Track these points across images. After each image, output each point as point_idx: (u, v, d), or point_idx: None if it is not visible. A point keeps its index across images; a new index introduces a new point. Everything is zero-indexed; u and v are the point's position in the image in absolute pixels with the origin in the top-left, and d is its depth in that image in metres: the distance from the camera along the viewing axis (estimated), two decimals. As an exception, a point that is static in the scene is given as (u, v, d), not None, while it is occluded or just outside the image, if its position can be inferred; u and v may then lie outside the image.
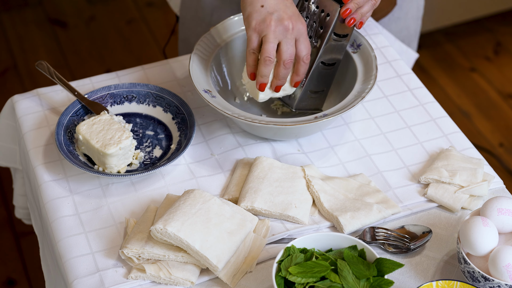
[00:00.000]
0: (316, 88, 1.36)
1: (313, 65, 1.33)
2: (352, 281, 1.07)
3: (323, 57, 1.33)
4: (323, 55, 1.33)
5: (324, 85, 1.37)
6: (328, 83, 1.38)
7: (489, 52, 2.98)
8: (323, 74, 1.35)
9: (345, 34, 1.33)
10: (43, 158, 1.33)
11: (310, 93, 1.36)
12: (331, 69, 1.36)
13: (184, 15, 1.71)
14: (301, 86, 1.34)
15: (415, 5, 1.70)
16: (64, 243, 1.21)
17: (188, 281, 1.14)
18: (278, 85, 1.30)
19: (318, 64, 1.33)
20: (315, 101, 1.38)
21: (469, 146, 1.36)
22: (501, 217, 1.14)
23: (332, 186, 1.27)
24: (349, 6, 1.28)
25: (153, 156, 1.34)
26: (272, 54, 1.25)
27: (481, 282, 1.10)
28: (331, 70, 1.36)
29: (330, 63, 1.35)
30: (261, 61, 1.26)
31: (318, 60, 1.33)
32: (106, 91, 1.39)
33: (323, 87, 1.38)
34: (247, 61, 1.28)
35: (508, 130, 2.70)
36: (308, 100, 1.37)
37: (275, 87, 1.30)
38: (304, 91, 1.35)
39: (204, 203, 1.18)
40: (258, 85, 1.29)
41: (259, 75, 1.27)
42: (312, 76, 1.34)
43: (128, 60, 2.96)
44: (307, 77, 1.33)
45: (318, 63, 1.33)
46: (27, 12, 3.17)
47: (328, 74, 1.36)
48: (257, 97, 1.31)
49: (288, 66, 1.27)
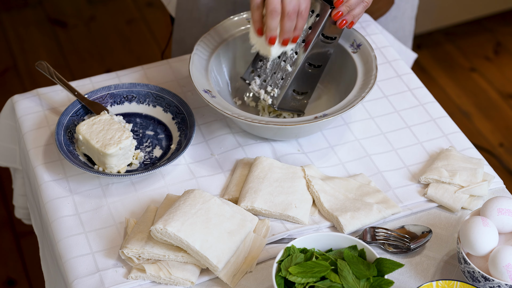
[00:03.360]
0: (300, 88, 1.36)
1: (299, 64, 1.32)
2: (352, 281, 1.07)
3: (310, 57, 1.33)
4: (310, 56, 1.33)
5: (308, 87, 1.37)
6: (312, 85, 1.38)
7: (489, 52, 2.98)
8: (308, 75, 1.35)
9: (334, 37, 1.33)
10: (43, 158, 1.33)
11: (294, 94, 1.36)
12: (317, 71, 1.36)
13: (179, 16, 1.70)
14: (285, 84, 1.34)
15: (410, 4, 1.70)
16: (64, 243, 1.21)
17: (188, 281, 1.14)
18: (285, 38, 1.29)
19: (305, 63, 1.33)
20: (298, 102, 1.38)
21: (469, 146, 1.36)
22: (501, 217, 1.14)
23: (332, 186, 1.27)
24: (341, 9, 1.28)
25: (153, 156, 1.34)
26: (278, 6, 1.24)
27: (481, 282, 1.10)
28: (316, 72, 1.36)
29: (316, 65, 1.35)
30: (267, 15, 1.25)
31: (305, 59, 1.32)
32: (106, 91, 1.39)
33: (307, 88, 1.37)
34: (253, 17, 1.27)
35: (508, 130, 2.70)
36: (292, 101, 1.37)
37: (282, 41, 1.29)
38: (288, 90, 1.35)
39: (204, 203, 1.18)
40: (268, 39, 1.28)
41: (268, 29, 1.27)
42: (297, 75, 1.34)
43: (128, 60, 2.96)
44: (293, 75, 1.33)
45: (305, 62, 1.33)
46: (27, 12, 3.17)
47: (313, 76, 1.36)
48: (269, 53, 1.30)
49: (293, 17, 1.25)
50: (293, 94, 1.36)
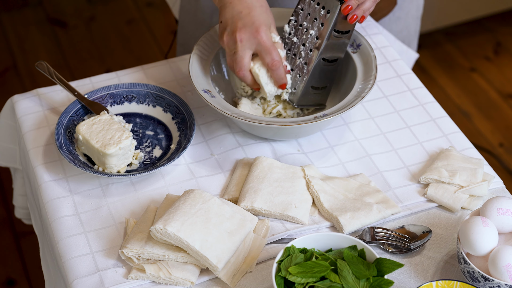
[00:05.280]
0: (318, 84, 1.36)
1: (314, 62, 1.33)
2: (352, 281, 1.07)
3: (324, 53, 1.33)
4: (324, 52, 1.33)
5: (327, 81, 1.37)
6: (331, 79, 1.38)
7: (489, 52, 2.98)
8: (325, 70, 1.35)
9: (347, 31, 1.33)
10: (43, 158, 1.33)
11: (312, 89, 1.36)
12: (333, 65, 1.36)
13: (183, 19, 1.70)
14: (303, 81, 1.34)
15: (415, 4, 1.70)
16: (64, 243, 1.21)
17: (188, 281, 1.14)
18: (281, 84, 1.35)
19: (320, 60, 1.33)
20: (318, 97, 1.38)
21: (469, 146, 1.36)
22: (501, 217, 1.14)
23: (332, 186, 1.27)
24: (350, 3, 1.28)
25: (153, 156, 1.34)
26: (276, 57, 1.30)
27: (481, 282, 1.10)
28: (333, 66, 1.36)
29: (332, 60, 1.35)
30: (272, 69, 1.30)
31: (320, 57, 1.33)
32: (106, 91, 1.39)
33: (326, 83, 1.38)
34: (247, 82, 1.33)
35: (508, 130, 2.70)
36: (311, 96, 1.37)
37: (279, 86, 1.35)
38: (306, 87, 1.35)
39: (204, 203, 1.18)
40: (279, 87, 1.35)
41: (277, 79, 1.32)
42: (314, 72, 1.34)
43: (128, 60, 2.96)
44: (309, 73, 1.34)
45: (320, 59, 1.33)
46: (27, 12, 3.17)
47: (331, 70, 1.36)
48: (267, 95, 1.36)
49: (276, 67, 1.30)
50: (312, 90, 1.36)
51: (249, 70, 1.31)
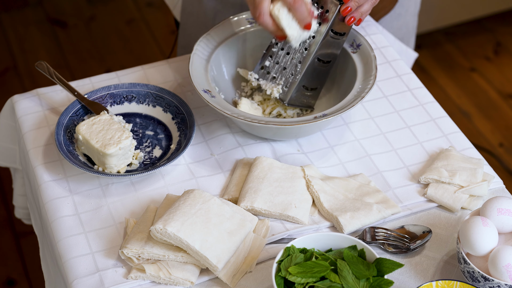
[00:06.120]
0: (310, 84, 1.36)
1: (309, 60, 1.33)
2: (352, 281, 1.07)
3: (319, 52, 1.33)
4: (319, 51, 1.33)
5: (318, 83, 1.38)
6: (322, 81, 1.38)
7: (489, 52, 2.99)
8: (318, 71, 1.36)
9: (343, 33, 1.33)
10: (43, 158, 1.33)
11: (304, 89, 1.36)
12: (326, 66, 1.36)
13: (185, 21, 1.70)
14: (295, 80, 1.34)
15: (413, 1, 1.71)
16: (64, 243, 1.21)
17: (188, 281, 1.14)
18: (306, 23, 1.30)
19: (314, 59, 1.33)
20: (307, 98, 1.38)
21: (469, 146, 1.36)
22: (501, 217, 1.14)
23: (332, 186, 1.27)
24: (350, 5, 1.28)
25: (153, 156, 1.34)
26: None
27: (481, 282, 1.10)
28: (326, 67, 1.36)
29: (326, 60, 1.35)
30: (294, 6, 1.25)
31: (314, 55, 1.33)
32: (106, 91, 1.39)
33: (317, 84, 1.38)
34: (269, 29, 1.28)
35: (508, 130, 2.70)
36: (301, 97, 1.37)
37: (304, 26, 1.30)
38: (298, 86, 1.35)
39: (204, 203, 1.18)
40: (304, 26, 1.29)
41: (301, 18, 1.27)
42: (307, 71, 1.34)
43: (128, 60, 2.96)
44: (302, 71, 1.34)
45: (314, 58, 1.33)
46: (27, 12, 3.17)
47: (323, 72, 1.37)
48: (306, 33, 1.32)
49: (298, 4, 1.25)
50: (303, 90, 1.36)
51: (270, 15, 1.27)
